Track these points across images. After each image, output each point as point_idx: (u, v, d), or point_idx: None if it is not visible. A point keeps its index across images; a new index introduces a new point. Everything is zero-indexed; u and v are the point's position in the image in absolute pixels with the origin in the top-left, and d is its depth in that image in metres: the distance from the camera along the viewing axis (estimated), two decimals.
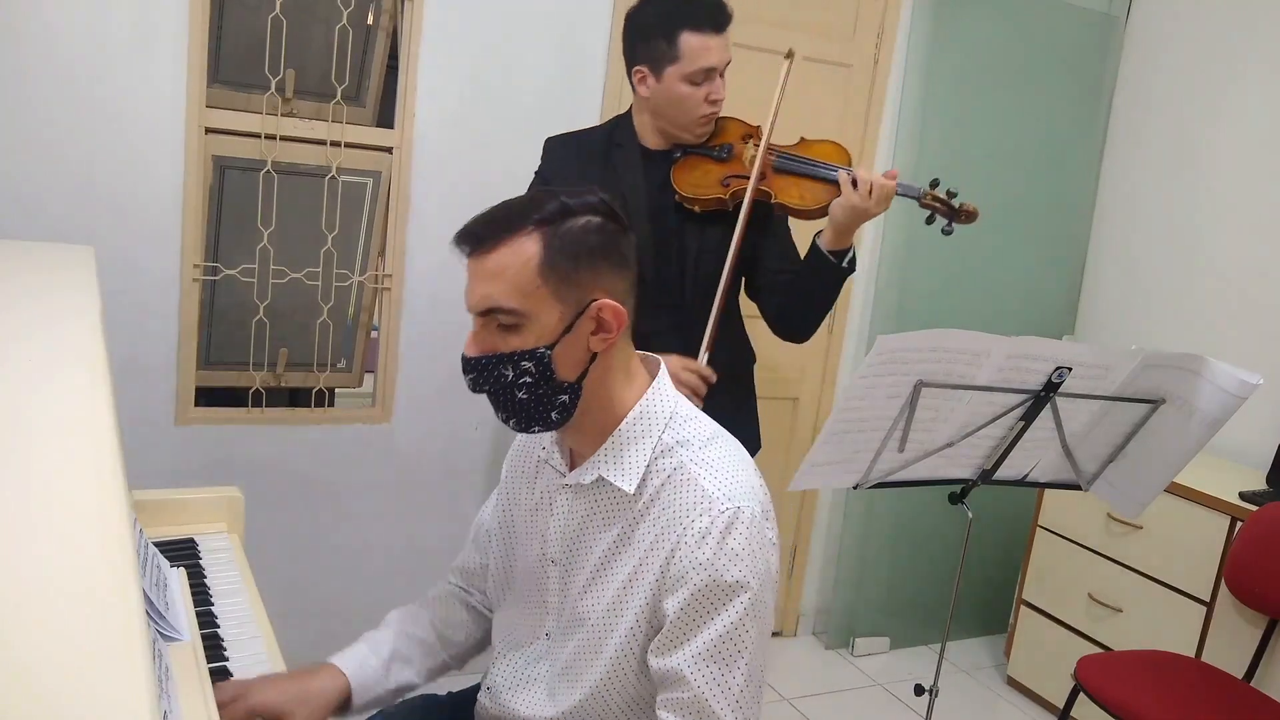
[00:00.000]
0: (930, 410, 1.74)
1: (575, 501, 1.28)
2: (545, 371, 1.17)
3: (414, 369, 2.59)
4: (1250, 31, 2.96)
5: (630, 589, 1.21)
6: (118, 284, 2.22)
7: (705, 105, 1.96)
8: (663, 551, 1.18)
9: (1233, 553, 2.43)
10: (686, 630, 1.16)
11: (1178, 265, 3.12)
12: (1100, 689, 2.22)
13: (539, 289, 1.15)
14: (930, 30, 2.97)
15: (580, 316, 1.17)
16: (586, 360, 1.20)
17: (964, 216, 1.98)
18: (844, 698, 3.00)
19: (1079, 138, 3.27)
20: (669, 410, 1.25)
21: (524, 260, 1.14)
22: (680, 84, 1.94)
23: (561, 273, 1.15)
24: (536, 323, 1.16)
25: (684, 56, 1.92)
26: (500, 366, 1.18)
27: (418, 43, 2.41)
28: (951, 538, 3.16)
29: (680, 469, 1.20)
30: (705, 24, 1.91)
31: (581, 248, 1.16)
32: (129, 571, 0.74)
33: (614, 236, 1.20)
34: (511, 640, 1.38)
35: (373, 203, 2.49)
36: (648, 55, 1.96)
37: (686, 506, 1.18)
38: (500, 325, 1.17)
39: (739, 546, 1.15)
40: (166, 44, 2.19)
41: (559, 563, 1.30)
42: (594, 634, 1.24)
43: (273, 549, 2.49)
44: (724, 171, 2.01)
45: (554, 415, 1.21)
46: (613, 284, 1.19)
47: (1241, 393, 1.72)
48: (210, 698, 1.22)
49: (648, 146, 2.05)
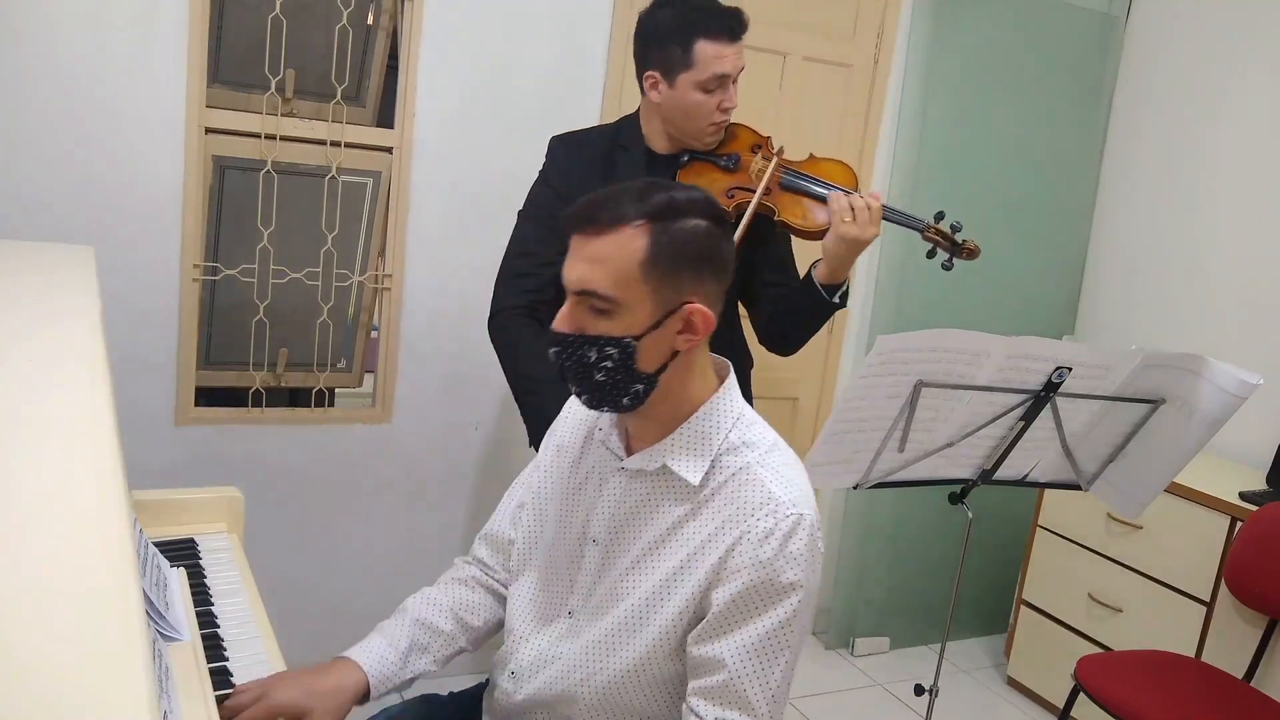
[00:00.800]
0: (930, 410, 1.74)
1: (632, 484, 1.30)
2: (627, 360, 1.21)
3: (414, 369, 2.59)
4: (1250, 31, 2.96)
5: (681, 576, 1.24)
6: (118, 284, 2.22)
7: (717, 113, 1.95)
8: (722, 545, 1.21)
9: (1233, 553, 2.43)
10: (734, 622, 1.20)
11: (1178, 265, 3.12)
12: (1100, 689, 2.22)
13: (638, 282, 1.18)
14: (930, 30, 2.97)
15: (671, 315, 1.20)
16: (668, 356, 1.23)
17: (966, 254, 1.94)
18: (844, 698, 3.00)
19: (1079, 138, 3.27)
20: (736, 412, 1.29)
21: (630, 253, 1.17)
22: (693, 91, 1.92)
23: (662, 272, 1.18)
24: (629, 313, 1.19)
25: (698, 64, 1.89)
26: (585, 347, 1.21)
27: (418, 43, 2.41)
28: (951, 538, 3.16)
29: (746, 469, 1.24)
30: (722, 32, 1.89)
31: (686, 251, 1.19)
32: (129, 571, 0.74)
33: (717, 241, 1.23)
34: (531, 617, 1.38)
35: (373, 203, 2.49)
36: (661, 61, 1.93)
37: (752, 505, 1.21)
38: (593, 308, 1.20)
39: (798, 551, 1.20)
40: (166, 44, 2.19)
41: (600, 542, 1.32)
42: (633, 614, 1.26)
43: (273, 549, 2.49)
44: (730, 182, 2.00)
45: (625, 400, 1.24)
46: (710, 288, 1.23)
47: (1241, 393, 1.72)
48: (210, 697, 1.22)
49: (654, 150, 2.04)
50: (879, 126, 3.02)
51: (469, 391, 2.65)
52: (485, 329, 1.97)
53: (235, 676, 1.33)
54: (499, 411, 2.70)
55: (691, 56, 1.89)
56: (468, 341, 2.61)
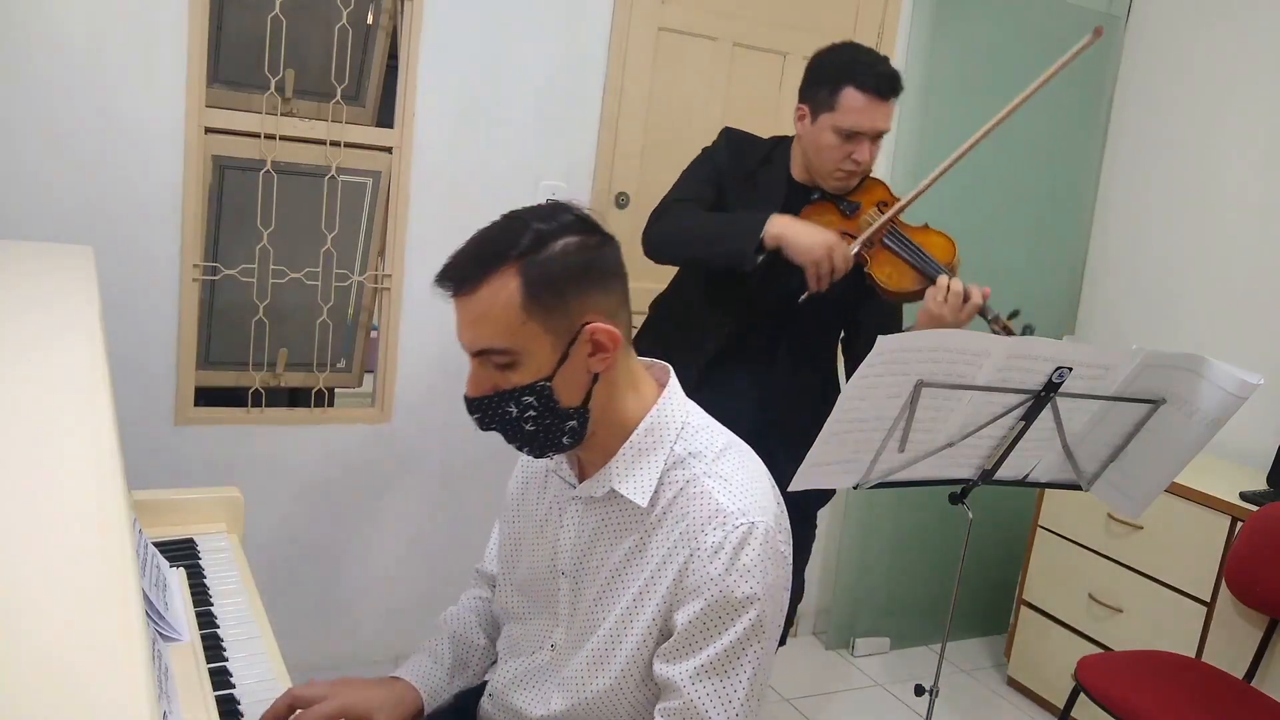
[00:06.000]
0: (931, 410, 1.74)
1: (586, 513, 1.27)
2: (549, 403, 1.17)
3: (414, 369, 2.58)
4: (1250, 31, 2.96)
5: (642, 601, 1.21)
6: (118, 284, 2.21)
7: (846, 162, 2.01)
8: (675, 564, 1.18)
9: (1233, 553, 2.43)
10: (693, 643, 1.16)
11: (1178, 265, 3.12)
12: (1100, 689, 2.22)
13: (526, 324, 1.13)
14: (930, 30, 2.97)
15: (574, 343, 1.16)
16: (589, 383, 1.19)
17: None
18: (844, 698, 3.00)
19: (1079, 138, 3.27)
20: (680, 421, 1.24)
21: (506, 299, 1.12)
22: (828, 133, 1.99)
23: (546, 304, 1.13)
24: (531, 357, 1.15)
25: (839, 109, 1.97)
26: (503, 404, 1.18)
27: (418, 42, 2.41)
28: (951, 538, 3.16)
29: (693, 481, 1.19)
30: (871, 86, 1.95)
31: (563, 274, 1.13)
32: (129, 571, 0.74)
33: (595, 251, 1.17)
34: (515, 649, 1.38)
35: (372, 203, 2.49)
36: (811, 96, 2.02)
37: (701, 520, 1.17)
38: (496, 364, 1.16)
39: (751, 562, 1.15)
40: (166, 44, 2.19)
41: (569, 574, 1.29)
42: (603, 644, 1.24)
43: (273, 549, 2.49)
44: (842, 226, 2.05)
45: (565, 440, 1.21)
46: (602, 302, 1.17)
47: (1242, 393, 1.72)
48: (210, 697, 1.22)
49: (795, 178, 2.12)
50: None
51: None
52: None
53: (235, 676, 1.33)
54: None
55: (836, 100, 1.97)
56: None
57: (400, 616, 2.69)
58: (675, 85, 2.71)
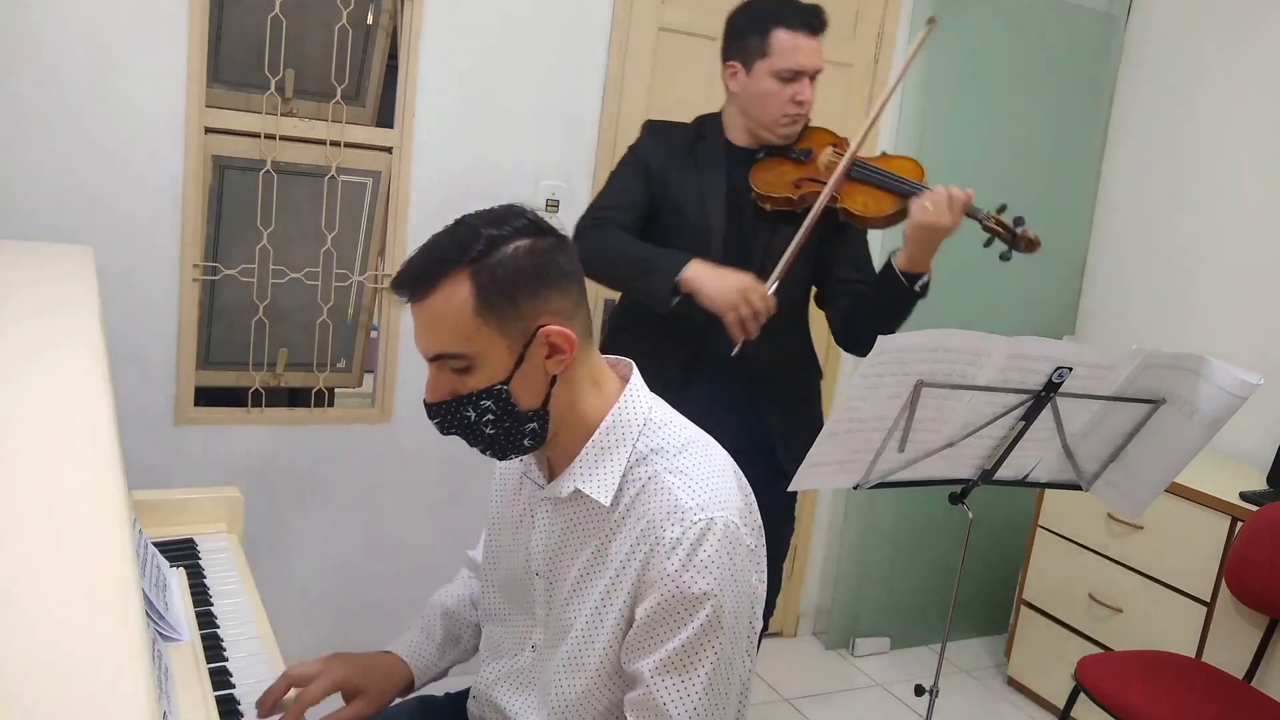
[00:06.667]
0: (931, 410, 1.74)
1: (555, 514, 1.27)
2: (507, 406, 1.17)
3: (414, 369, 2.58)
4: (1250, 31, 2.96)
5: (609, 599, 1.21)
6: (118, 284, 2.22)
7: (790, 105, 1.99)
8: (636, 562, 1.18)
9: (1233, 553, 2.43)
10: (652, 637, 1.16)
11: (1178, 265, 3.12)
12: (1100, 689, 2.22)
13: (480, 329, 1.14)
14: None
15: (529, 346, 1.16)
16: (547, 385, 1.19)
17: (1024, 244, 1.97)
18: (844, 698, 3.00)
19: (1079, 138, 3.26)
20: (642, 418, 1.24)
21: (458, 305, 1.13)
22: (767, 79, 1.97)
23: (499, 308, 1.13)
24: (487, 361, 1.15)
25: (774, 52, 1.95)
26: (461, 409, 1.18)
27: (418, 42, 2.41)
28: (951, 538, 3.16)
29: (654, 478, 1.19)
30: (798, 23, 1.96)
31: (515, 277, 1.14)
32: (129, 571, 0.74)
33: (547, 254, 1.17)
34: (498, 650, 1.38)
35: (372, 203, 2.49)
36: (740, 50, 2.00)
37: (660, 517, 1.16)
38: (453, 369, 1.17)
39: (709, 558, 1.14)
40: (166, 44, 2.19)
41: (543, 575, 1.29)
42: (577, 645, 1.24)
43: (273, 549, 2.49)
44: (799, 174, 2.04)
45: (526, 443, 1.21)
46: (557, 303, 1.17)
47: (1241, 393, 1.72)
48: (210, 697, 1.22)
49: (734, 143, 2.08)
50: (879, 126, 3.01)
51: None
52: None
53: (235, 676, 1.33)
54: None
55: (768, 45, 1.96)
56: None
57: (400, 616, 2.68)
58: (675, 85, 2.71)
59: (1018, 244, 1.97)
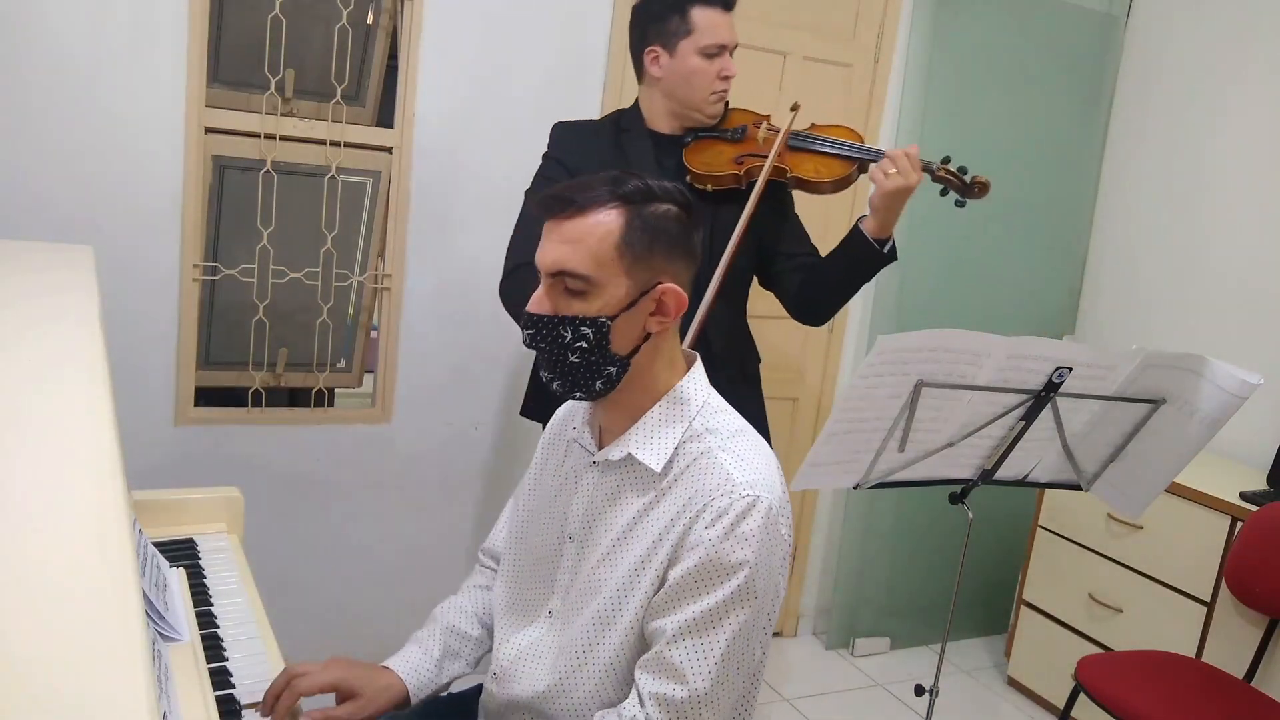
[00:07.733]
0: (931, 410, 1.74)
1: (602, 478, 1.32)
2: (602, 340, 1.22)
3: (414, 369, 2.58)
4: (1250, 31, 2.96)
5: (646, 562, 1.24)
6: (117, 284, 2.22)
7: (718, 81, 2.00)
8: (680, 527, 1.22)
9: (1233, 553, 2.43)
10: (679, 599, 1.20)
11: (1178, 265, 3.12)
12: (1100, 689, 2.22)
13: (613, 261, 1.20)
14: (930, 30, 2.97)
15: (645, 295, 1.22)
16: (640, 338, 1.25)
17: (977, 189, 2.01)
18: (844, 698, 3.00)
19: (1079, 138, 3.26)
20: (702, 399, 1.30)
21: (605, 232, 1.20)
22: (694, 57, 1.98)
23: (636, 251, 1.20)
24: (603, 292, 1.21)
25: (697, 30, 1.97)
26: (560, 327, 1.23)
27: (418, 42, 2.41)
28: (951, 538, 3.16)
29: (707, 453, 1.24)
30: (715, 1, 1.98)
31: (660, 233, 1.22)
32: (129, 571, 0.74)
33: (687, 229, 1.26)
34: (511, 618, 1.40)
35: (372, 203, 2.49)
36: (659, 34, 2.00)
37: (710, 487, 1.21)
38: (568, 289, 1.22)
39: (750, 531, 1.19)
40: (166, 44, 2.19)
41: (576, 538, 1.33)
42: (607, 605, 1.27)
43: (273, 549, 2.49)
44: (737, 151, 2.05)
45: (599, 384, 1.26)
46: (679, 272, 1.25)
47: (1242, 393, 1.72)
48: (210, 697, 1.22)
49: (658, 131, 2.08)
50: (879, 126, 3.01)
51: (469, 391, 2.65)
52: (485, 329, 1.98)
53: (235, 676, 1.33)
54: (499, 411, 2.70)
55: (690, 23, 1.97)
56: (468, 341, 2.61)
57: (400, 616, 2.68)
58: None
59: (971, 189, 2.01)
